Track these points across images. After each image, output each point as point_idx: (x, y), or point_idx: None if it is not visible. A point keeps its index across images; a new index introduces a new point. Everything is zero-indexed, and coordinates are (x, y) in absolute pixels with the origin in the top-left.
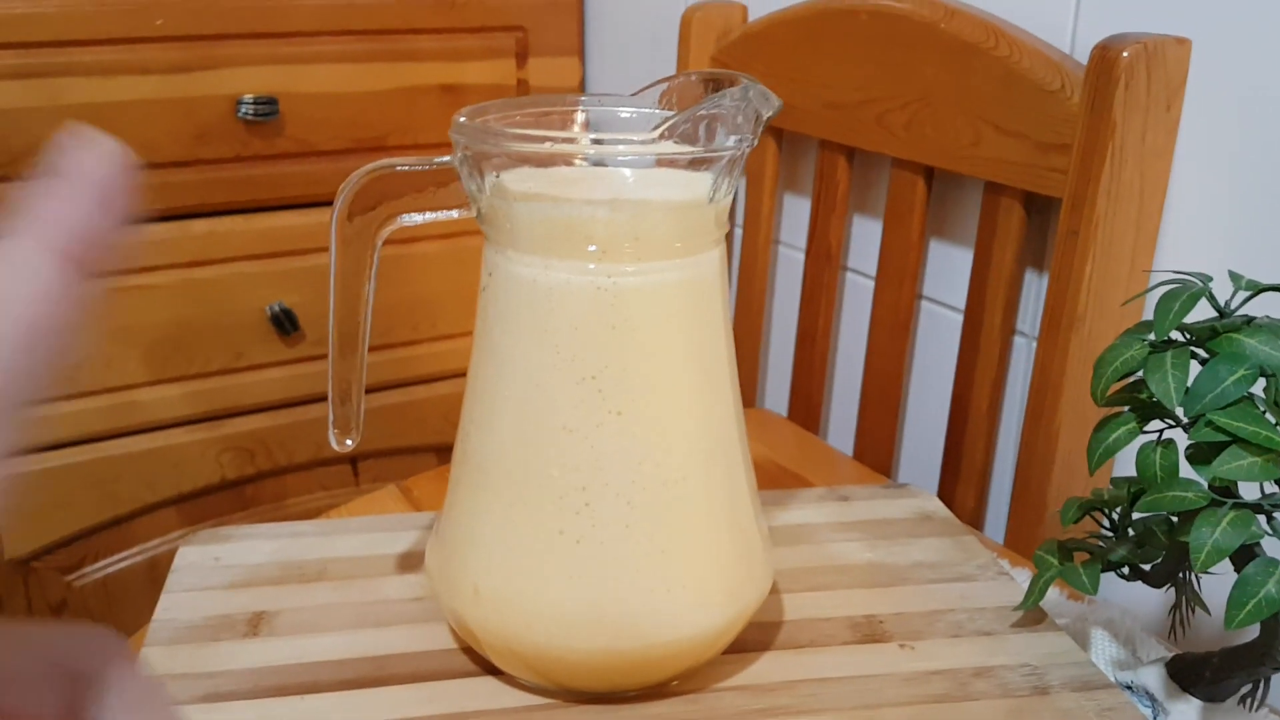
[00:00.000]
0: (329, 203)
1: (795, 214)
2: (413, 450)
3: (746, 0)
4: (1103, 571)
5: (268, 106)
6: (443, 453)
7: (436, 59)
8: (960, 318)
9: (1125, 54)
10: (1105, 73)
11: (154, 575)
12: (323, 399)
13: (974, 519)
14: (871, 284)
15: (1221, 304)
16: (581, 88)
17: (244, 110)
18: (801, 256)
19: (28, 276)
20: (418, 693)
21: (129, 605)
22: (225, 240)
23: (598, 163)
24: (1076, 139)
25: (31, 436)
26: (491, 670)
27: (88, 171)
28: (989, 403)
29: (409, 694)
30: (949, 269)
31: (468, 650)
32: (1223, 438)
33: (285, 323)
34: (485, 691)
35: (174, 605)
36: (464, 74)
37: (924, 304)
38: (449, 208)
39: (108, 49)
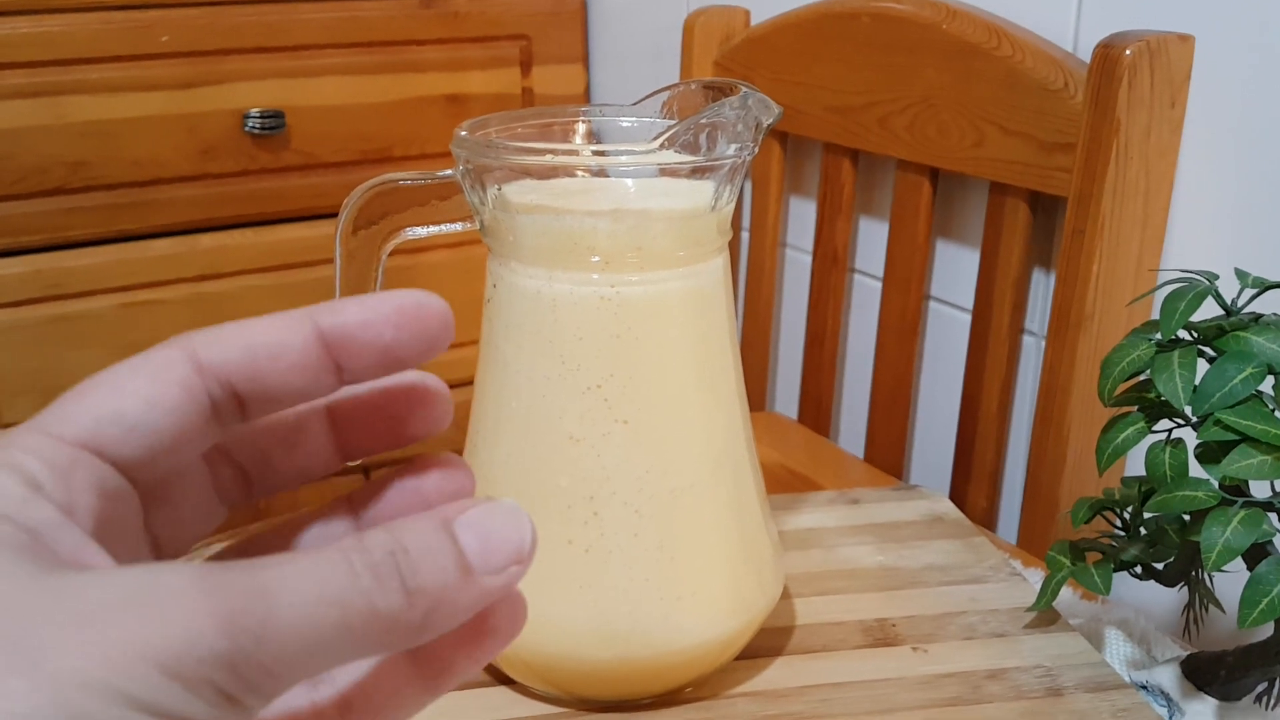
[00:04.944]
0: (336, 215)
1: (801, 217)
2: None
3: (749, 5)
4: (1115, 571)
5: (274, 120)
6: None
7: (441, 69)
8: (968, 318)
9: (1128, 52)
10: (1108, 71)
11: None
12: None
13: (986, 519)
14: (879, 285)
15: (1228, 302)
16: (586, 94)
17: (250, 124)
18: (808, 259)
19: (353, 584)
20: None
21: None
22: (234, 254)
23: (599, 174)
24: (1080, 138)
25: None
26: (504, 680)
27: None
28: (999, 403)
29: None
30: (956, 269)
31: None
32: (1231, 436)
33: None
34: (497, 702)
35: None
36: (469, 84)
37: (932, 305)
38: (452, 221)
39: (113, 66)
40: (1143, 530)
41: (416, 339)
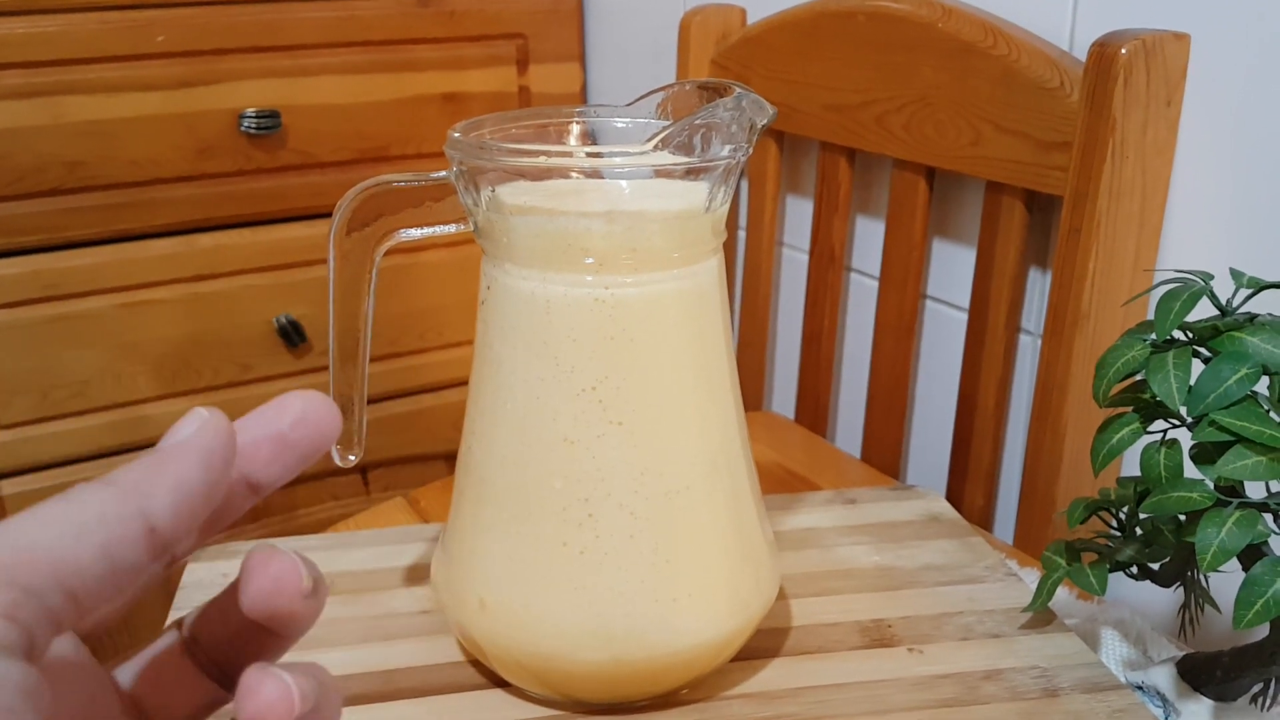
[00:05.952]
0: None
1: (798, 216)
2: (422, 458)
3: (745, 3)
4: (1111, 571)
5: (270, 120)
6: (452, 460)
7: (437, 68)
8: (965, 317)
9: (1124, 50)
10: (1104, 69)
11: (166, 589)
12: None
13: (983, 519)
14: (875, 284)
15: (1223, 302)
16: (583, 93)
17: (246, 124)
18: (805, 258)
19: (107, 520)
20: (425, 706)
21: (141, 620)
22: (231, 254)
23: (593, 175)
24: (1077, 136)
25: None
26: (499, 683)
27: (186, 442)
28: (995, 402)
29: (417, 708)
30: (952, 268)
31: (475, 663)
32: (1226, 437)
33: (292, 334)
34: (493, 704)
35: None
36: (465, 82)
37: (928, 304)
38: (446, 222)
39: (110, 66)
40: (1138, 530)
41: (311, 437)
